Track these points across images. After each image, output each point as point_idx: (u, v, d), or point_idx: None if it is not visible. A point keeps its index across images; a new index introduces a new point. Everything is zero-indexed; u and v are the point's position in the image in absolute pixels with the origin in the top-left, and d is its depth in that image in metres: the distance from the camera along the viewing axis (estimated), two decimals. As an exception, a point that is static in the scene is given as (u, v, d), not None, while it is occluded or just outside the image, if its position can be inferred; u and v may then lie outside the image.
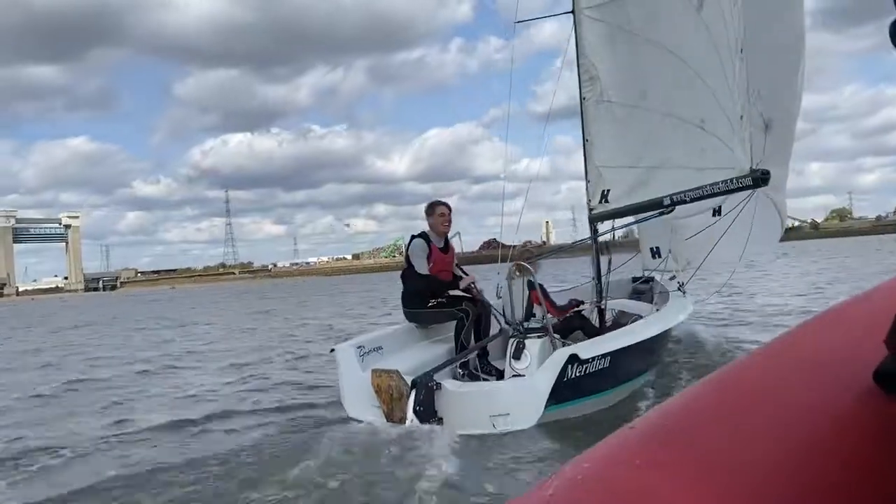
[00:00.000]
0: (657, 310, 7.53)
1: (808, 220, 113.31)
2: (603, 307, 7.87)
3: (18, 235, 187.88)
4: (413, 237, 6.88)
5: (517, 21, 8.09)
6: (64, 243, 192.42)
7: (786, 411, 0.55)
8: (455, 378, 6.13)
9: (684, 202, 6.64)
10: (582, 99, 7.53)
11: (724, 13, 6.15)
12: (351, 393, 5.89)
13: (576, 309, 7.41)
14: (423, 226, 6.96)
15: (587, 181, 7.85)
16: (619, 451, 0.58)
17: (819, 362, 0.61)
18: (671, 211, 6.81)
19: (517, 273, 6.74)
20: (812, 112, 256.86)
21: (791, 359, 0.62)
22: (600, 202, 7.63)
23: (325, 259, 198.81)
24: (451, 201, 7.06)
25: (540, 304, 6.59)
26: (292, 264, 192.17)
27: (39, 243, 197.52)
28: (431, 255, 6.69)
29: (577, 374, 5.50)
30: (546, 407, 5.30)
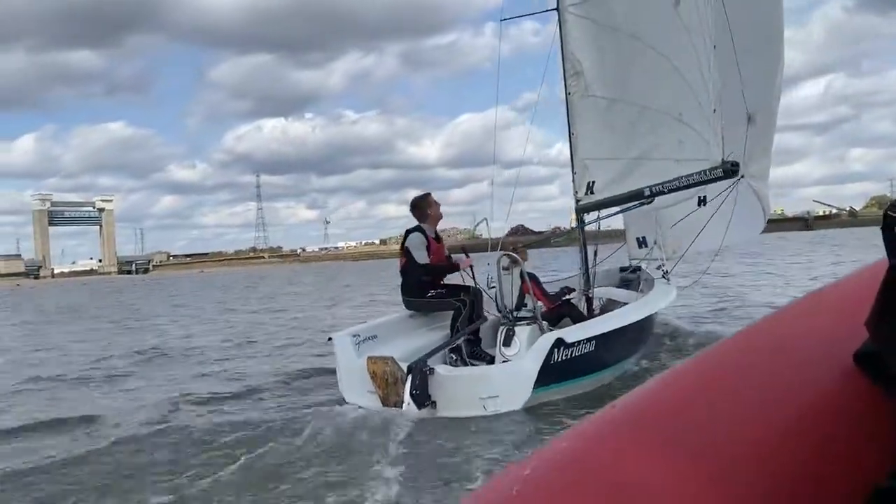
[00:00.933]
0: (642, 297, 7.76)
1: (847, 208, 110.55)
2: (590, 295, 8.09)
3: (54, 219, 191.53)
4: (409, 231, 7.11)
5: (503, 19, 8.28)
6: (98, 226, 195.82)
7: (766, 394, 0.56)
8: (447, 364, 6.39)
9: (663, 193, 6.86)
10: (567, 94, 7.70)
11: (698, 9, 6.30)
12: (348, 379, 6.19)
13: (565, 297, 7.67)
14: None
15: (573, 173, 8.04)
16: (598, 431, 0.58)
17: (800, 345, 0.61)
18: (651, 201, 7.04)
19: (511, 263, 7.00)
20: (854, 96, 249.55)
21: (772, 342, 0.63)
22: (586, 193, 7.83)
23: (352, 244, 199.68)
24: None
25: (531, 293, 6.87)
26: (321, 249, 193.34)
27: (75, 226, 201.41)
28: (430, 246, 6.97)
29: (564, 358, 5.78)
30: (534, 389, 5.61)
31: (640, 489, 0.49)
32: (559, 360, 5.76)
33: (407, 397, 5.64)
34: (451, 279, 7.18)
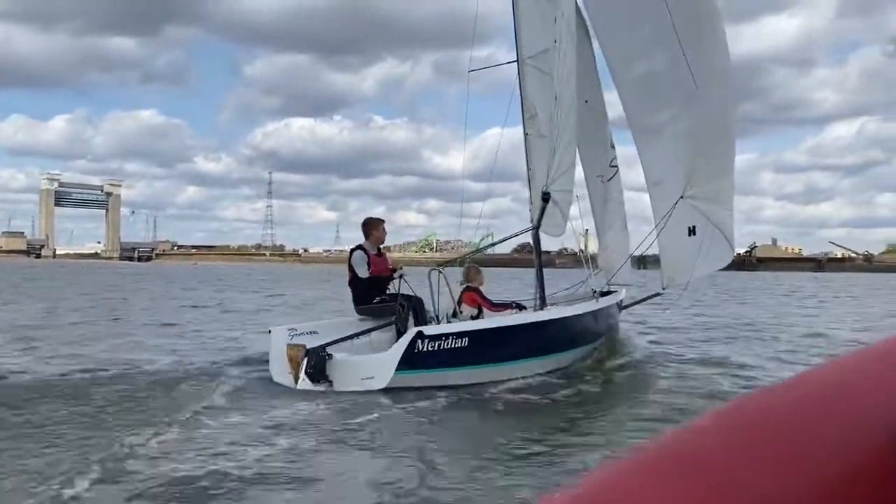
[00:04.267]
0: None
1: (862, 253, 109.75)
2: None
3: (61, 199, 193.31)
4: (352, 250, 8.46)
5: (470, 70, 9.29)
6: (104, 210, 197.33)
7: (813, 446, 0.49)
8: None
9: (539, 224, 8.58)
10: (525, 134, 8.68)
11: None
12: (276, 363, 7.42)
13: (511, 310, 8.66)
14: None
15: (531, 203, 9.00)
16: (631, 470, 0.51)
17: (853, 397, 0.54)
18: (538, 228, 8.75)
19: (439, 276, 8.30)
20: (888, 141, 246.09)
21: (822, 392, 0.56)
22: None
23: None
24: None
25: (471, 304, 8.23)
26: (324, 251, 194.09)
27: (81, 209, 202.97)
28: (370, 262, 8.20)
29: (430, 349, 6.95)
30: (396, 371, 6.85)
31: None
32: (423, 350, 6.92)
33: (302, 374, 6.98)
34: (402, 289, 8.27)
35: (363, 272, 8.13)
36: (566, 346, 8.34)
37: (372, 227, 8.44)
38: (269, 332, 7.79)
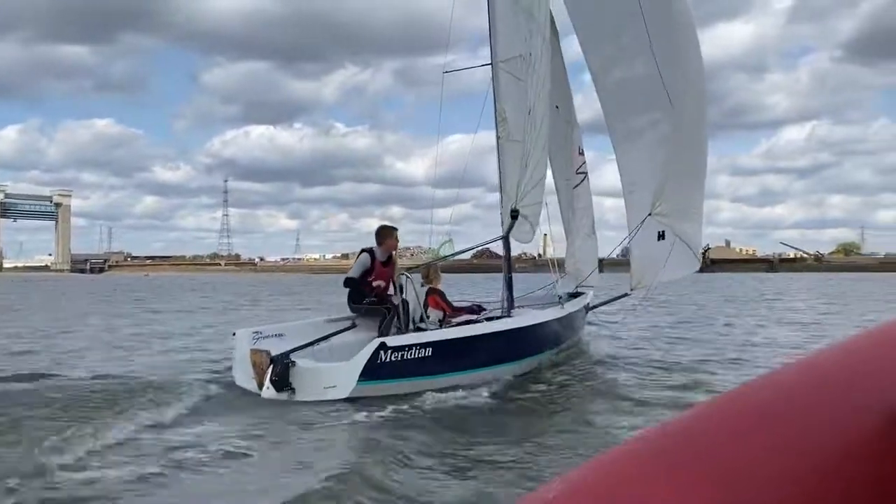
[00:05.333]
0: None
1: (813, 253, 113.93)
2: (511, 315, 9.07)
3: (7, 211, 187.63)
4: (362, 251, 8.47)
5: (445, 71, 9.40)
6: (54, 222, 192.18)
7: (805, 434, 0.52)
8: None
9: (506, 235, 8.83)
10: (498, 138, 8.78)
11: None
12: (239, 367, 7.42)
13: (472, 315, 8.75)
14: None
15: (501, 206, 9.09)
16: (627, 460, 0.55)
17: (848, 383, 0.54)
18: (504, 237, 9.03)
19: (406, 282, 8.50)
20: (837, 144, 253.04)
21: (815, 380, 0.57)
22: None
23: (315, 256, 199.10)
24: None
25: (435, 307, 8.37)
26: (282, 259, 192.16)
27: (30, 220, 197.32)
28: (374, 269, 8.27)
29: (393, 359, 6.90)
30: (358, 382, 6.81)
31: None
32: (386, 360, 6.87)
33: (267, 382, 6.92)
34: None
35: (352, 273, 8.32)
36: (529, 353, 8.39)
37: (385, 234, 8.53)
38: (234, 334, 7.71)
